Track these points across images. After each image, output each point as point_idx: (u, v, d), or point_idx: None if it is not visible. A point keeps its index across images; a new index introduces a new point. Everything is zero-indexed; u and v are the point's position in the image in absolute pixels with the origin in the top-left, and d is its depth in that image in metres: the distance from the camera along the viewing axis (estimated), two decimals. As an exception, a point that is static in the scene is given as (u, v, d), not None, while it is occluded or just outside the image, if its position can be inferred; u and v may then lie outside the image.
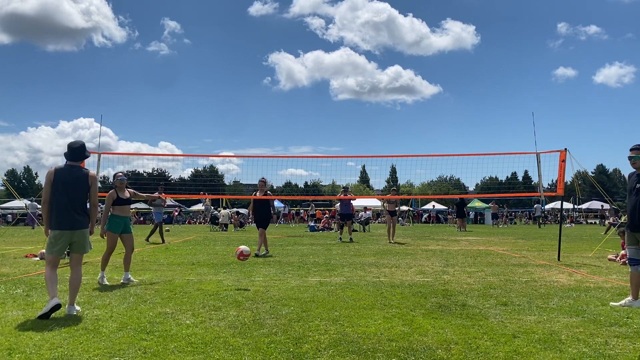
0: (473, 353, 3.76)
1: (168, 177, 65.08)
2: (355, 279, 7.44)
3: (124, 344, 3.95)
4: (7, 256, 10.97)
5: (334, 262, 9.71)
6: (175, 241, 16.29)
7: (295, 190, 71.33)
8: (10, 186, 15.01)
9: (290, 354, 3.75)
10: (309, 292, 6.25)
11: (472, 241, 16.52)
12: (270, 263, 9.52)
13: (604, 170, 79.35)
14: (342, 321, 4.72)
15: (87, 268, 8.74)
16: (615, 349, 3.87)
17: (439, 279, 7.46)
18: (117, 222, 7.19)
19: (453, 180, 72.04)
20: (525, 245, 14.66)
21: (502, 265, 9.30)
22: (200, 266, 9.05)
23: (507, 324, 4.61)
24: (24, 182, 72.27)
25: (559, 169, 10.39)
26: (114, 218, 7.20)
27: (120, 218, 7.22)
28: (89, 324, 4.60)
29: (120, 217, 7.23)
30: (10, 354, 3.72)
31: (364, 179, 73.90)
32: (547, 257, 10.84)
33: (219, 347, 3.90)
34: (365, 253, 11.71)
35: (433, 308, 5.32)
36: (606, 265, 9.26)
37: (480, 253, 11.78)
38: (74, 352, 3.75)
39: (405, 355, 3.72)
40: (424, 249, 12.94)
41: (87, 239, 5.28)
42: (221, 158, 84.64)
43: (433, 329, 4.44)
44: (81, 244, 5.20)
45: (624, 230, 10.28)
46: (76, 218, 5.12)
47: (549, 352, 3.79)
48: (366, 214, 28.72)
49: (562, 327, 4.53)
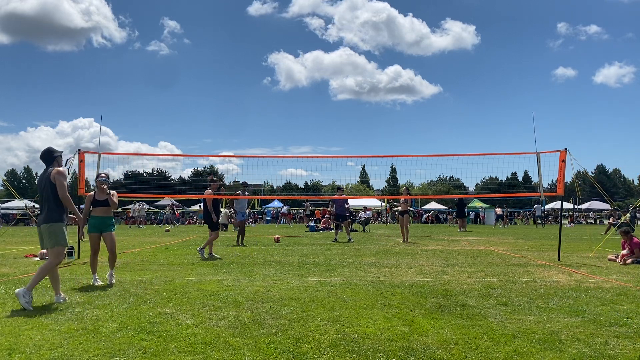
0: (473, 353, 3.76)
1: (168, 177, 65.16)
2: (355, 279, 7.44)
3: (124, 344, 3.95)
4: (7, 256, 10.97)
5: (334, 262, 9.71)
6: (175, 241, 16.29)
7: (295, 191, 71.35)
8: (10, 186, 15.00)
9: (290, 354, 3.75)
10: (309, 292, 6.25)
11: (472, 241, 16.52)
12: (270, 263, 9.52)
13: (604, 170, 79.34)
14: (342, 321, 4.72)
15: (87, 268, 8.74)
16: (615, 349, 3.87)
17: (439, 279, 7.46)
18: (93, 223, 7.22)
19: (453, 180, 72.06)
20: (525, 245, 14.66)
21: (502, 265, 9.30)
22: (200, 266, 9.05)
23: (507, 324, 4.61)
24: (24, 182, 72.34)
25: (559, 169, 10.39)
26: (92, 219, 7.24)
27: (97, 218, 7.23)
28: (89, 324, 4.60)
29: (98, 218, 7.24)
30: (10, 354, 3.72)
31: (363, 179, 73.92)
32: (547, 257, 10.84)
33: (219, 347, 3.90)
34: (365, 253, 11.71)
35: (433, 308, 5.32)
36: (606, 265, 9.26)
37: (480, 253, 11.77)
38: (74, 352, 3.75)
39: (405, 355, 3.72)
40: (424, 249, 12.94)
41: (53, 234, 5.58)
42: (221, 158, 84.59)
43: (433, 329, 4.44)
44: (47, 238, 5.62)
45: (625, 230, 10.30)
46: (43, 215, 5.65)
47: (549, 352, 3.79)
48: (366, 214, 28.74)
49: (562, 327, 4.53)
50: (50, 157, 5.84)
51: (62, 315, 4.95)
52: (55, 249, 5.60)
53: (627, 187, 79.31)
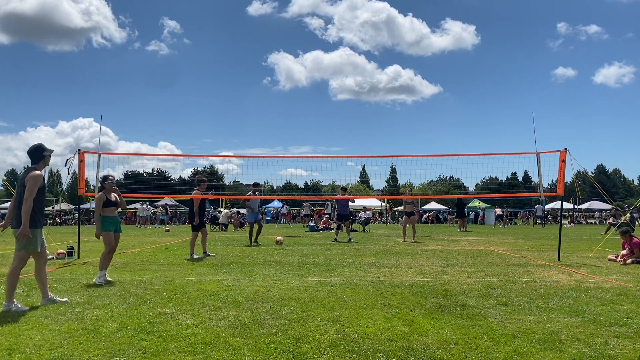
0: (473, 353, 3.76)
1: (168, 177, 65.15)
2: (355, 279, 7.44)
3: (124, 344, 3.95)
4: (7, 256, 10.96)
5: (334, 262, 9.71)
6: (175, 241, 16.29)
7: (295, 191, 71.34)
8: (10, 186, 14.99)
9: (290, 354, 3.75)
10: (309, 292, 6.25)
11: (472, 241, 16.52)
12: (270, 263, 9.52)
13: (604, 170, 79.36)
14: (342, 321, 4.72)
15: (87, 268, 8.75)
16: (615, 349, 3.87)
17: (439, 279, 7.46)
18: (110, 222, 7.43)
19: (453, 180, 72.05)
20: (525, 245, 14.66)
21: (502, 265, 9.30)
22: (200, 266, 9.04)
23: (507, 324, 4.61)
24: (24, 182, 72.24)
25: (559, 169, 10.38)
26: (107, 219, 7.43)
27: (112, 218, 7.49)
28: (89, 324, 4.60)
29: (112, 217, 7.51)
30: (10, 354, 3.72)
31: (363, 179, 73.90)
32: (547, 257, 10.84)
33: (219, 347, 3.90)
34: (365, 253, 11.71)
35: (433, 308, 5.32)
36: (606, 265, 9.26)
37: (480, 253, 11.77)
38: (74, 352, 3.75)
39: (405, 355, 3.72)
40: (424, 249, 12.93)
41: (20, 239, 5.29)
42: (221, 158, 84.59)
43: (433, 329, 4.44)
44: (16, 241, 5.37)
45: (624, 230, 10.30)
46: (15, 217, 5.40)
47: (549, 352, 3.79)
48: (366, 214, 28.74)
49: (562, 327, 4.53)
50: (38, 156, 5.55)
51: (62, 315, 4.95)
52: (19, 253, 5.36)
53: (627, 187, 79.33)
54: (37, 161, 5.57)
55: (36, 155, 5.56)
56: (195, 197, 10.97)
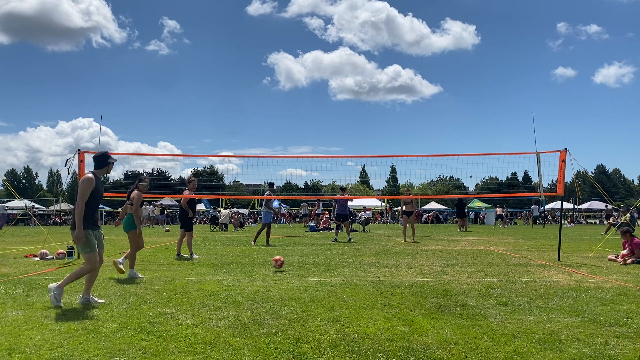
0: (473, 353, 3.76)
1: (168, 177, 65.14)
2: (355, 279, 7.44)
3: (124, 344, 3.95)
4: (7, 256, 10.96)
5: (334, 262, 9.71)
6: (175, 241, 16.27)
7: (295, 191, 71.35)
8: (10, 186, 14.99)
9: (290, 354, 3.75)
10: (309, 292, 6.25)
11: (472, 241, 16.52)
12: (270, 263, 9.51)
13: (604, 170, 79.37)
14: (342, 321, 4.72)
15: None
16: (615, 349, 3.87)
17: (439, 279, 7.46)
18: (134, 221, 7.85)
19: (453, 180, 72.06)
20: (525, 245, 14.66)
21: (502, 265, 9.30)
22: (200, 266, 9.04)
23: (507, 324, 4.61)
24: (24, 182, 72.34)
25: (559, 169, 10.38)
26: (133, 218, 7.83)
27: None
28: (89, 324, 4.60)
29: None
30: (10, 354, 3.71)
31: (363, 179, 73.94)
32: (547, 257, 10.84)
33: (219, 347, 3.90)
34: (365, 253, 11.71)
35: (433, 308, 5.32)
36: (606, 265, 9.26)
37: (480, 253, 11.77)
38: (74, 352, 3.75)
39: (405, 355, 3.72)
40: (424, 249, 12.93)
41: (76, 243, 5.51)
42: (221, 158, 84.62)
43: (433, 329, 4.44)
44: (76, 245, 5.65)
45: (625, 230, 10.30)
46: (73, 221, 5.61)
47: (549, 352, 3.79)
48: (366, 214, 28.74)
49: (562, 327, 4.53)
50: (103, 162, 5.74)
51: (62, 315, 4.95)
52: (84, 256, 5.55)
53: (627, 187, 79.33)
54: (101, 167, 5.75)
55: (101, 161, 5.75)
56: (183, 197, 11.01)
